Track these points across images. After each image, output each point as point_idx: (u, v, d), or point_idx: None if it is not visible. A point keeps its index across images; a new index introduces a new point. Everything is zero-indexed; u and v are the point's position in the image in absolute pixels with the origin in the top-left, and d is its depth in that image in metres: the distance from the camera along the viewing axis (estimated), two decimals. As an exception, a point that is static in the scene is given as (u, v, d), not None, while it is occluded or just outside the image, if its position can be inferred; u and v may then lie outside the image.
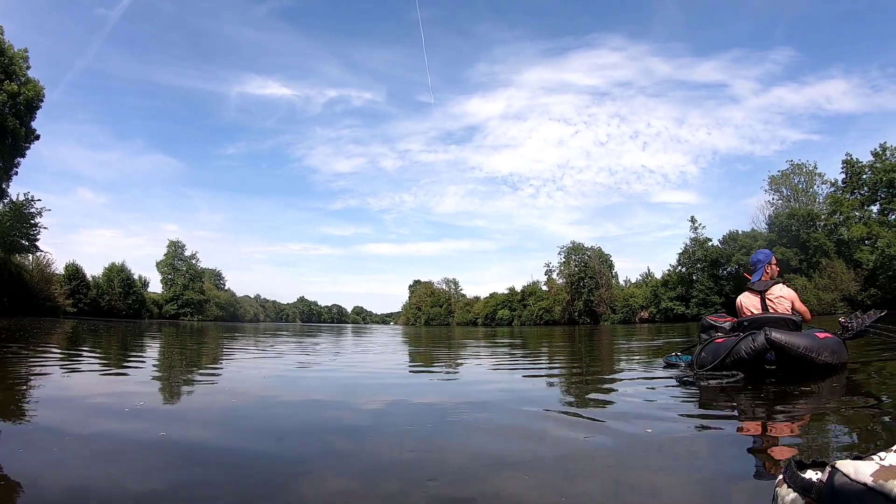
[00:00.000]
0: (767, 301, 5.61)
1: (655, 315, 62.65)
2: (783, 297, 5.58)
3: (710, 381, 4.67)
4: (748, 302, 5.73)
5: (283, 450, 2.95)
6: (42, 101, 40.89)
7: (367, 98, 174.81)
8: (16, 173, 41.90)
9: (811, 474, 1.16)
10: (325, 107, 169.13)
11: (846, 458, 1.09)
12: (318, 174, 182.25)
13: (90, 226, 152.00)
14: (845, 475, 1.05)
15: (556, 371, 7.68)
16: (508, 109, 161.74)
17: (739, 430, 3.38)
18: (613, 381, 5.80)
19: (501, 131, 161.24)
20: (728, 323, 5.96)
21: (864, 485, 1.01)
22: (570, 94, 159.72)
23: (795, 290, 5.80)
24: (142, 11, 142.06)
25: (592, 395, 4.85)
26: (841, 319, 5.96)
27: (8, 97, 37.57)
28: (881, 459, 1.05)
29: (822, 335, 5.13)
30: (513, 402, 4.39)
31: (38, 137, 42.02)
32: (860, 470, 1.04)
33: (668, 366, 6.46)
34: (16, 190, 43.63)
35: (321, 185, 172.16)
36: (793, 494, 1.15)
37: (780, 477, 1.23)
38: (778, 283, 5.71)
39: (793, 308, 5.56)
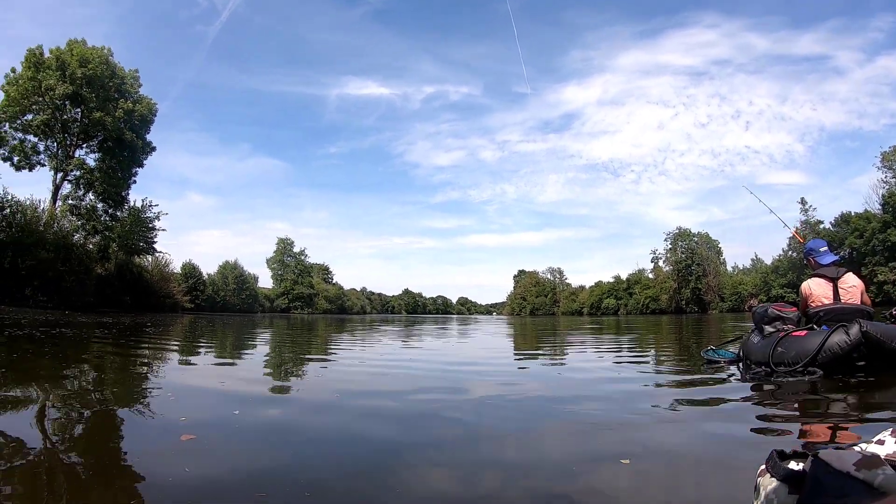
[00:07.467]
0: (840, 290, 5.20)
1: (766, 303, 58.66)
2: (856, 287, 5.18)
3: (791, 379, 4.48)
4: (820, 291, 5.30)
5: (388, 437, 3.11)
6: (155, 115, 45.02)
7: (463, 92, 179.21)
8: (134, 182, 46.24)
9: (794, 464, 1.14)
10: (423, 103, 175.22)
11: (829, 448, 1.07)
12: (418, 169, 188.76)
13: (200, 227, 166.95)
14: (828, 464, 1.04)
15: (662, 363, 7.59)
16: (605, 95, 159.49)
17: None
18: (719, 374, 5.46)
19: (599, 117, 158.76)
20: (793, 313, 5.43)
21: (847, 473, 1.00)
22: (667, 75, 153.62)
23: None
24: (239, 25, 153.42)
25: (698, 389, 4.83)
26: (893, 311, 5.39)
27: (124, 113, 41.40)
28: (863, 449, 1.02)
29: None
30: (617, 395, 4.41)
31: (154, 149, 46.29)
32: (843, 459, 1.04)
33: (709, 362, 6.08)
34: (134, 197, 47.97)
35: (422, 179, 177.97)
36: (775, 484, 1.14)
37: (763, 467, 1.21)
38: (849, 271, 5.30)
39: (861, 300, 5.17)
